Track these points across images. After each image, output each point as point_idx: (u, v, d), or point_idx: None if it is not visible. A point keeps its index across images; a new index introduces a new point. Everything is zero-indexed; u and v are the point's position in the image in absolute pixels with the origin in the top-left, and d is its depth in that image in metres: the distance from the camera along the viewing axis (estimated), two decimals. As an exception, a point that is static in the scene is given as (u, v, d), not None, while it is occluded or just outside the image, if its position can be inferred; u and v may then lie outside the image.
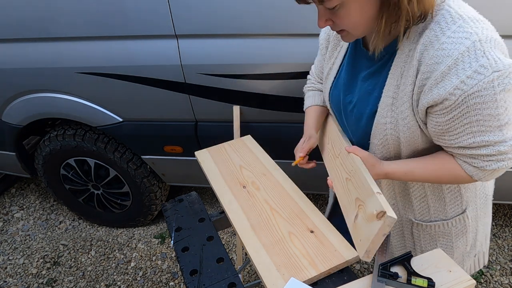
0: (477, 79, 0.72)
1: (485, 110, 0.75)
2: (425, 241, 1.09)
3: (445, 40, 0.74)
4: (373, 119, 0.91)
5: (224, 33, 1.56)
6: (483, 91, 0.73)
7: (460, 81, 0.73)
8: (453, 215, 1.03)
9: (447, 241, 1.07)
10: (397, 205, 1.07)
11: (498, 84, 0.73)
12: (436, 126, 0.82)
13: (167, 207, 1.30)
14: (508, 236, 2.14)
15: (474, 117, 0.76)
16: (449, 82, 0.74)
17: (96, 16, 1.61)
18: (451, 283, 0.83)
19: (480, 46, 0.72)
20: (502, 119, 0.76)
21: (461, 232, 1.05)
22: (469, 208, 1.01)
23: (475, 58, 0.72)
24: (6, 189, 2.96)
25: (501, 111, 0.75)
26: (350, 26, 0.80)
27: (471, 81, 0.72)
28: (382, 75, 0.89)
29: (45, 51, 1.77)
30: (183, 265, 1.05)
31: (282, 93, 1.63)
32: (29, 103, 1.95)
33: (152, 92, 1.75)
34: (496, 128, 0.77)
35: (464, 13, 0.76)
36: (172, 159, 2.04)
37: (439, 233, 1.06)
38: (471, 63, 0.72)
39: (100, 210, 2.44)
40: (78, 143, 2.07)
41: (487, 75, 0.72)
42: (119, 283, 2.14)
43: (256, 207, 1.16)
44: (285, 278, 0.92)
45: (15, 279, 2.23)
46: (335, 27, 0.83)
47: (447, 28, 0.75)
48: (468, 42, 0.73)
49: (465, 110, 0.76)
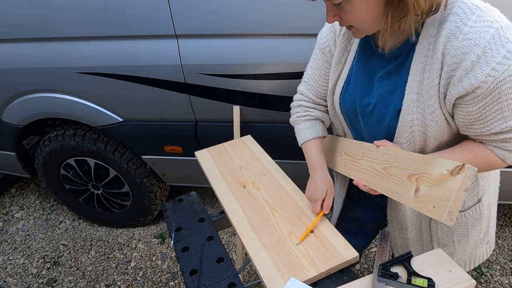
0: (506, 64, 0.73)
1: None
2: (443, 233, 1.07)
3: (468, 30, 0.75)
4: (397, 118, 0.91)
5: (224, 33, 1.56)
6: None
7: (491, 68, 0.74)
8: (470, 205, 1.02)
9: (463, 231, 1.06)
10: None
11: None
12: (466, 116, 0.82)
13: (167, 207, 1.30)
14: (508, 236, 2.14)
15: (505, 101, 0.77)
16: (480, 71, 0.74)
17: (96, 16, 1.62)
18: (451, 283, 0.83)
19: (503, 33, 0.74)
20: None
21: (476, 221, 1.05)
22: (484, 197, 1.03)
23: (501, 44, 0.73)
24: (6, 189, 2.96)
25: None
26: (356, 21, 0.81)
27: (501, 67, 0.73)
28: (402, 73, 0.88)
29: (45, 51, 1.77)
30: (183, 265, 1.05)
31: (282, 93, 1.64)
32: (29, 103, 1.95)
33: (152, 92, 1.75)
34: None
35: (479, 3, 0.77)
36: (172, 159, 2.04)
37: (457, 224, 1.05)
38: (499, 50, 0.73)
39: (100, 210, 2.44)
40: (78, 143, 2.07)
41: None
42: (119, 283, 2.14)
43: (256, 207, 1.16)
44: (285, 278, 0.92)
45: (15, 279, 2.23)
46: (343, 23, 0.84)
47: (467, 18, 0.76)
48: (492, 30, 0.74)
49: (496, 96, 0.76)
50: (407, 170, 0.91)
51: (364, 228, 1.34)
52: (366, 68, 0.97)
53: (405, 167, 0.92)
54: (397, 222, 1.13)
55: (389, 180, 0.97)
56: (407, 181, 0.91)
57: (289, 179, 1.27)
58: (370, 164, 1.03)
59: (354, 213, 1.33)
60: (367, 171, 1.04)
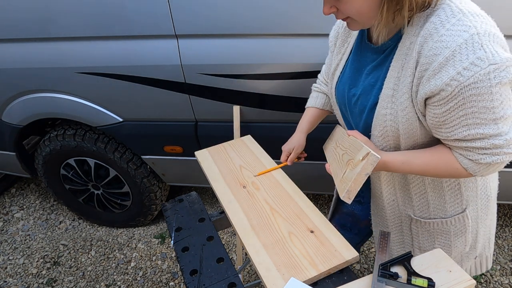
0: (473, 70, 0.73)
1: (480, 103, 0.75)
2: (423, 238, 1.09)
3: (444, 33, 0.76)
4: (373, 111, 0.92)
5: (224, 33, 1.56)
6: (479, 83, 0.73)
7: (456, 72, 0.74)
8: (452, 214, 1.02)
9: (445, 240, 1.07)
10: (397, 200, 1.07)
11: (494, 76, 0.73)
12: (434, 117, 0.82)
13: (167, 207, 1.30)
14: (508, 236, 2.14)
15: (469, 109, 0.77)
16: (446, 73, 0.75)
17: (96, 16, 1.61)
18: (451, 283, 0.83)
19: (478, 39, 0.73)
20: (497, 112, 0.76)
21: (460, 232, 1.05)
22: (469, 208, 1.01)
23: (473, 50, 0.73)
24: (6, 189, 2.96)
25: (496, 104, 0.76)
26: (353, 12, 0.82)
27: (467, 72, 0.73)
28: (384, 67, 0.90)
29: (45, 51, 1.77)
30: (183, 265, 1.05)
31: (282, 93, 1.64)
32: (29, 103, 1.95)
33: (152, 92, 1.75)
34: (491, 121, 0.77)
35: (464, 7, 0.77)
36: (172, 159, 2.04)
37: (438, 231, 1.06)
38: (468, 55, 0.73)
39: (100, 210, 2.44)
40: (78, 143, 2.07)
41: (483, 67, 0.72)
42: (119, 283, 2.14)
43: (256, 207, 1.16)
44: (285, 278, 0.92)
45: (15, 279, 2.23)
46: (340, 15, 0.85)
47: (447, 21, 0.76)
48: (466, 34, 0.74)
49: (461, 101, 0.76)
50: (349, 156, 0.99)
51: (358, 224, 1.35)
52: (358, 61, 0.99)
53: (349, 154, 0.99)
54: (379, 218, 1.18)
55: (339, 165, 1.05)
56: (345, 165, 1.00)
57: (289, 179, 1.27)
58: (338, 150, 1.11)
59: (350, 208, 1.35)
60: (335, 156, 1.12)
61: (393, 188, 1.06)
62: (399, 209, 1.09)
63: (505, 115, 0.77)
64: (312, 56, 1.51)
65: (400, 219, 1.11)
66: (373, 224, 1.23)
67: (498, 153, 0.81)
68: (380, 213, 1.16)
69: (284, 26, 1.49)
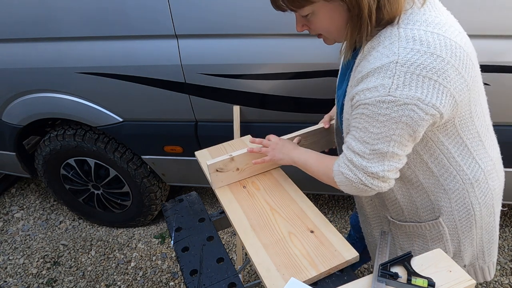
0: (372, 94, 0.78)
1: (365, 123, 0.82)
2: (402, 239, 1.11)
3: (373, 54, 0.81)
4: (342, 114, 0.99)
5: (224, 33, 1.56)
6: (371, 107, 0.79)
7: (361, 89, 0.81)
8: (426, 219, 1.04)
9: (423, 243, 1.08)
10: (375, 202, 1.12)
11: (387, 107, 0.77)
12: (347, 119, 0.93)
13: (167, 207, 1.30)
14: (508, 236, 2.14)
15: (357, 123, 0.85)
16: (356, 88, 0.83)
17: (96, 16, 1.61)
18: (451, 283, 0.83)
19: (393, 67, 0.76)
20: (370, 138, 0.83)
21: (436, 238, 1.05)
22: (443, 217, 1.01)
23: (383, 76, 0.77)
24: (6, 189, 2.96)
25: (374, 131, 0.81)
26: (322, 31, 0.89)
27: (368, 93, 0.79)
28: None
29: (45, 51, 1.77)
30: (183, 265, 1.05)
31: (282, 93, 1.63)
32: (29, 103, 1.95)
33: (152, 92, 1.75)
34: (362, 141, 0.85)
35: (408, 33, 0.77)
36: (172, 159, 2.04)
37: (415, 233, 1.08)
38: (377, 79, 0.78)
39: (100, 210, 2.44)
40: (78, 143, 2.07)
41: (382, 94, 0.77)
42: (119, 283, 2.14)
43: (256, 207, 1.16)
44: (285, 278, 0.92)
45: (15, 279, 2.23)
46: (312, 32, 0.92)
47: (381, 44, 0.80)
48: (386, 60, 0.77)
49: (355, 114, 0.85)
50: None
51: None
52: (345, 65, 1.03)
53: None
54: (363, 217, 1.22)
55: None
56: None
57: (289, 179, 1.27)
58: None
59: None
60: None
61: None
62: (378, 210, 1.13)
63: (375, 147, 0.83)
64: (312, 56, 1.51)
65: (380, 219, 1.15)
66: (361, 223, 1.27)
67: (354, 172, 0.89)
68: (363, 213, 1.20)
69: (284, 26, 1.49)
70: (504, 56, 1.35)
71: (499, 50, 1.35)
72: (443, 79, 0.75)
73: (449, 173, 0.94)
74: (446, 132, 0.86)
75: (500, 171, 1.03)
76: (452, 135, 0.87)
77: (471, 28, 1.33)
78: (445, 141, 0.88)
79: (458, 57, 0.77)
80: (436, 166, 0.93)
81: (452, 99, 0.78)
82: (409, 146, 0.84)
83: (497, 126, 1.04)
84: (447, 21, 0.81)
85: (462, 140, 0.89)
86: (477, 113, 0.89)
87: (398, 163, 0.86)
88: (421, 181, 0.97)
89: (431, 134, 0.87)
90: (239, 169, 1.24)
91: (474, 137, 0.90)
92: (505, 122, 1.50)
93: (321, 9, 0.82)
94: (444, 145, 0.89)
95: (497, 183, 1.01)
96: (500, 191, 1.04)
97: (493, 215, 1.04)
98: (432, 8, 0.81)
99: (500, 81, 1.39)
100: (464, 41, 0.81)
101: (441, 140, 0.88)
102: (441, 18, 0.80)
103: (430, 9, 0.81)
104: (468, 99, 0.82)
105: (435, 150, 0.90)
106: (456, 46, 0.77)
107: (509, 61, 1.36)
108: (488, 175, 0.97)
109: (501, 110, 1.47)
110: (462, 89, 0.79)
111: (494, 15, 1.30)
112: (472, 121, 0.88)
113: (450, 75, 0.76)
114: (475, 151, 0.92)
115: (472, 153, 0.92)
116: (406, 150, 0.84)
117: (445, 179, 0.95)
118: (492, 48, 1.35)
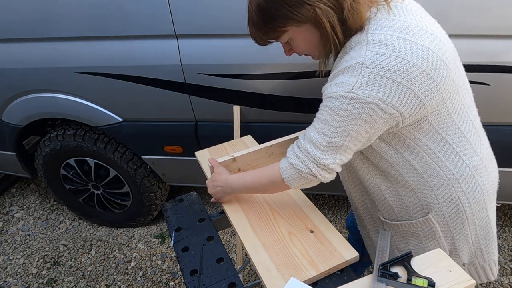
0: (337, 89, 0.84)
1: (326, 114, 0.88)
2: (398, 239, 1.12)
3: (345, 57, 0.88)
4: None
5: (224, 33, 1.56)
6: (334, 101, 0.85)
7: (330, 84, 0.88)
8: (417, 217, 1.05)
9: (417, 242, 1.09)
10: (366, 203, 1.14)
11: (348, 103, 0.83)
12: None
13: (167, 207, 1.30)
14: (508, 236, 2.14)
15: (320, 114, 0.90)
16: (327, 82, 0.91)
17: (96, 16, 1.61)
18: (451, 283, 0.83)
19: (359, 68, 0.82)
20: (330, 131, 0.87)
21: (429, 235, 1.06)
22: (432, 213, 1.02)
23: (350, 74, 0.83)
24: (6, 189, 2.96)
25: (333, 124, 0.86)
26: (305, 51, 0.98)
27: (334, 87, 0.85)
28: None
29: (45, 51, 1.77)
30: (183, 265, 1.05)
31: (282, 93, 1.63)
32: (29, 103, 1.95)
33: (152, 92, 1.75)
34: (321, 132, 0.89)
35: (376, 38, 0.83)
36: (172, 159, 2.04)
37: (408, 232, 1.09)
38: (344, 76, 0.84)
39: (100, 210, 2.44)
40: (78, 143, 2.07)
41: (345, 90, 0.83)
42: (119, 283, 2.14)
43: (256, 207, 1.16)
44: (285, 278, 0.92)
45: (15, 279, 2.23)
46: (298, 53, 1.01)
47: (352, 48, 0.87)
48: (353, 61, 0.83)
49: (321, 106, 0.91)
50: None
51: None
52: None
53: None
54: (358, 219, 1.24)
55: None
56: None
57: (289, 179, 1.26)
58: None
59: None
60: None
61: (360, 193, 1.13)
62: (370, 211, 1.15)
63: (332, 140, 0.88)
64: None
65: (374, 220, 1.16)
66: (358, 226, 1.28)
67: (305, 163, 0.92)
68: (358, 215, 1.22)
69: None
70: (504, 56, 1.35)
71: (499, 50, 1.35)
72: (407, 81, 0.80)
73: (432, 169, 0.95)
74: (422, 130, 0.90)
75: (490, 166, 1.03)
76: (429, 132, 0.90)
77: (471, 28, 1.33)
78: (423, 138, 0.91)
79: (426, 59, 0.81)
80: (418, 163, 0.95)
81: (417, 99, 0.82)
82: (362, 142, 0.89)
83: (497, 126, 1.04)
84: (417, 24, 0.85)
85: (441, 137, 0.92)
86: (456, 110, 0.91)
87: (347, 157, 0.92)
88: (406, 179, 0.99)
89: (406, 133, 0.90)
90: (241, 170, 1.24)
91: (455, 133, 0.92)
92: (505, 122, 1.50)
93: (296, 33, 0.92)
94: (422, 141, 0.92)
95: (486, 178, 1.00)
96: (491, 186, 1.03)
97: (485, 210, 1.04)
98: (402, 13, 0.86)
99: (500, 81, 1.39)
100: (435, 43, 0.84)
101: (418, 138, 0.91)
102: (410, 22, 0.84)
103: (400, 13, 0.86)
104: (441, 98, 0.86)
105: (415, 148, 0.93)
106: (423, 49, 0.81)
107: (509, 61, 1.36)
108: (475, 170, 0.97)
109: (501, 110, 1.46)
110: (430, 89, 0.83)
111: (494, 15, 1.30)
112: (450, 118, 0.90)
113: (415, 77, 0.80)
114: (458, 147, 0.94)
115: (455, 149, 0.94)
116: (359, 146, 0.90)
117: (428, 175, 0.96)
118: (492, 48, 1.35)
